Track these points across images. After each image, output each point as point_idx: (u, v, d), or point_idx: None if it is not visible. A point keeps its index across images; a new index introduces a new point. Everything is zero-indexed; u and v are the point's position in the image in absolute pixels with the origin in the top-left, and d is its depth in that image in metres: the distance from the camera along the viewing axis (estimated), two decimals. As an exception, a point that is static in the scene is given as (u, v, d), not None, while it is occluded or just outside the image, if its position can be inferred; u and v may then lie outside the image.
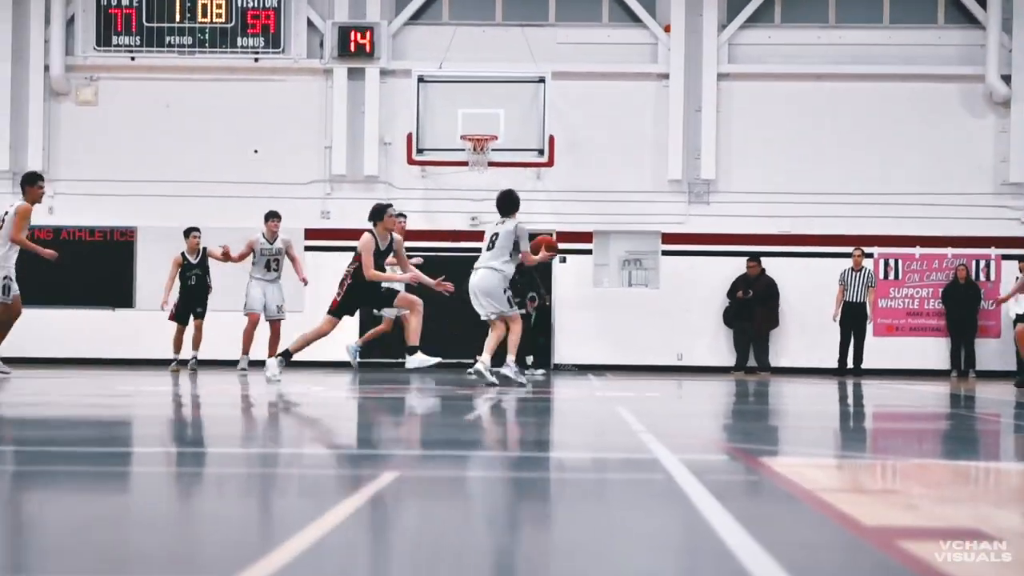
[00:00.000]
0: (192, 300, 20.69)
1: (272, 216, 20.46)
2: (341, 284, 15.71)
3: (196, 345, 20.63)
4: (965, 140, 24.54)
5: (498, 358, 15.77)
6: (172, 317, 20.62)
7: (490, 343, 15.80)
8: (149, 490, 5.83)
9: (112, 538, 4.38)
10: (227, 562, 3.93)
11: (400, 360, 16.68)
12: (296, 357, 21.28)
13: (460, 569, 3.92)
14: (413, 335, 15.48)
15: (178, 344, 20.62)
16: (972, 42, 24.71)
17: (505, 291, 15.80)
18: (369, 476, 5.93)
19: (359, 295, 15.56)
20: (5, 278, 16.30)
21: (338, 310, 15.51)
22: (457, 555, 4.13)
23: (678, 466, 6.37)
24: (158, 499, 5.45)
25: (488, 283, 15.81)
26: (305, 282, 20.77)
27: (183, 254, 20.80)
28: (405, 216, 20.10)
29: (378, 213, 15.52)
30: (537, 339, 23.95)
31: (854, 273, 23.73)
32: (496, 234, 15.86)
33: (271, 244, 20.31)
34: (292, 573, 3.73)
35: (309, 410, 11.86)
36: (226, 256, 20.17)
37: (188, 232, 20.97)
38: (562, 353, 24.32)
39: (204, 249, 20.85)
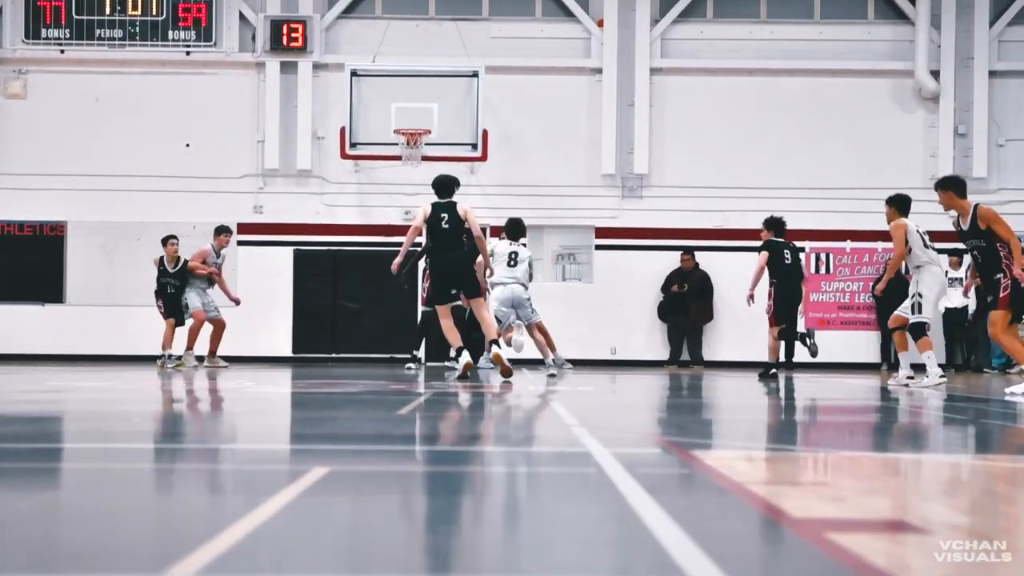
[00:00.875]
0: (174, 307, 20.84)
1: (224, 231, 21.03)
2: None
3: (167, 344, 20.75)
4: (895, 135, 24.79)
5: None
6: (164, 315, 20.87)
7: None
8: (81, 486, 5.79)
9: (44, 534, 4.35)
10: (159, 557, 3.91)
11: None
12: (226, 352, 21.25)
13: (391, 561, 3.92)
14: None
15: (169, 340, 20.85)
16: (901, 38, 24.97)
17: (529, 300, 18.61)
18: (300, 471, 5.92)
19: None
20: None
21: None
22: (388, 548, 4.14)
23: (610, 460, 6.39)
24: (91, 495, 5.42)
25: (522, 296, 18.46)
26: (238, 302, 21.13)
27: (161, 259, 20.88)
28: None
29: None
30: (471, 334, 23.94)
31: (785, 267, 23.81)
32: (515, 253, 18.35)
33: (218, 258, 20.90)
34: (224, 566, 3.72)
35: (244, 406, 11.81)
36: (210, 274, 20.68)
37: (165, 240, 21.07)
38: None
39: (184, 260, 20.77)
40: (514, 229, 18.75)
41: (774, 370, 18.70)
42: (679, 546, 4.04)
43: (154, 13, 24.55)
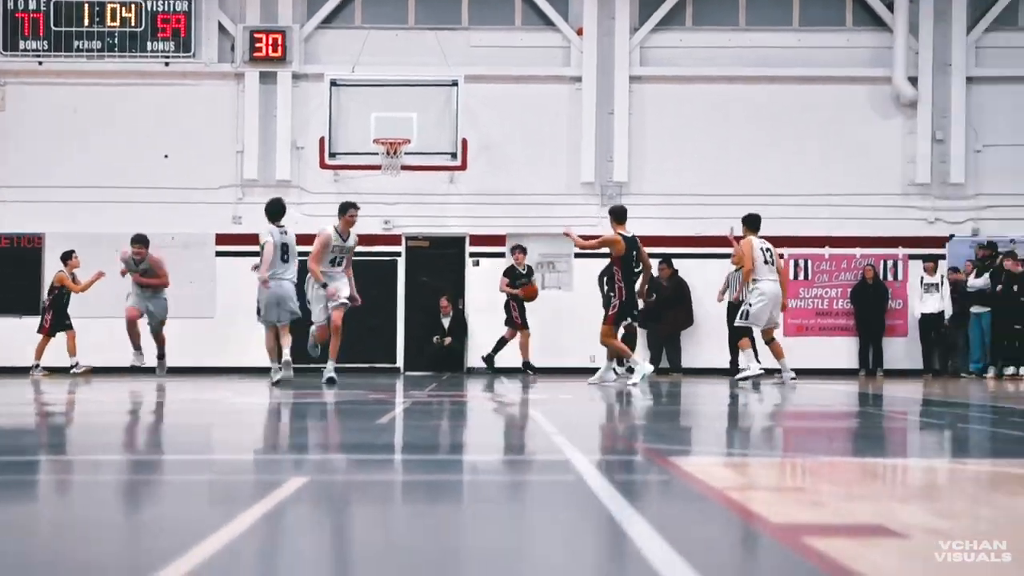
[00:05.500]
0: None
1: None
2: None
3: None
4: (873, 141, 24.86)
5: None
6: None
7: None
8: (56, 499, 5.77)
9: (15, 548, 4.33)
10: (134, 569, 3.89)
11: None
12: (208, 363, 21.13)
13: (367, 572, 3.91)
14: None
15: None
16: (880, 44, 25.05)
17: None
18: (276, 482, 5.90)
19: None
20: None
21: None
22: (365, 559, 4.12)
23: (589, 467, 6.39)
24: (65, 508, 5.39)
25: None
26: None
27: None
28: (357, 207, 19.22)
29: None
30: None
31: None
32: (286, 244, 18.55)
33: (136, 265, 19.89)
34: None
35: (224, 417, 11.78)
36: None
37: (70, 255, 22.84)
38: (476, 357, 24.30)
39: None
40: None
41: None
42: (658, 552, 4.03)
43: (132, 24, 24.51)
